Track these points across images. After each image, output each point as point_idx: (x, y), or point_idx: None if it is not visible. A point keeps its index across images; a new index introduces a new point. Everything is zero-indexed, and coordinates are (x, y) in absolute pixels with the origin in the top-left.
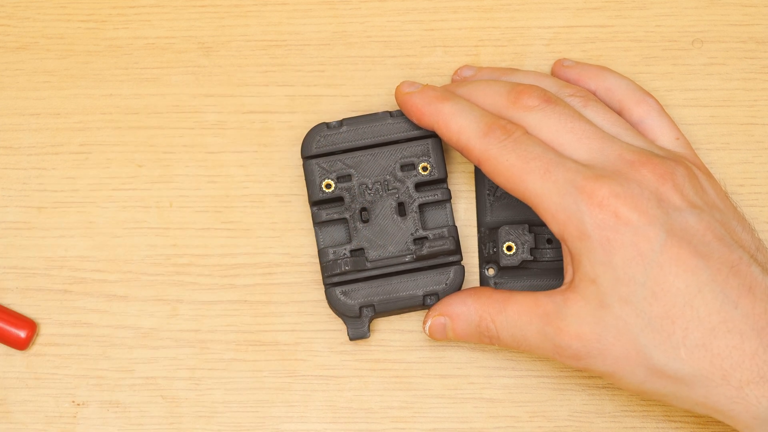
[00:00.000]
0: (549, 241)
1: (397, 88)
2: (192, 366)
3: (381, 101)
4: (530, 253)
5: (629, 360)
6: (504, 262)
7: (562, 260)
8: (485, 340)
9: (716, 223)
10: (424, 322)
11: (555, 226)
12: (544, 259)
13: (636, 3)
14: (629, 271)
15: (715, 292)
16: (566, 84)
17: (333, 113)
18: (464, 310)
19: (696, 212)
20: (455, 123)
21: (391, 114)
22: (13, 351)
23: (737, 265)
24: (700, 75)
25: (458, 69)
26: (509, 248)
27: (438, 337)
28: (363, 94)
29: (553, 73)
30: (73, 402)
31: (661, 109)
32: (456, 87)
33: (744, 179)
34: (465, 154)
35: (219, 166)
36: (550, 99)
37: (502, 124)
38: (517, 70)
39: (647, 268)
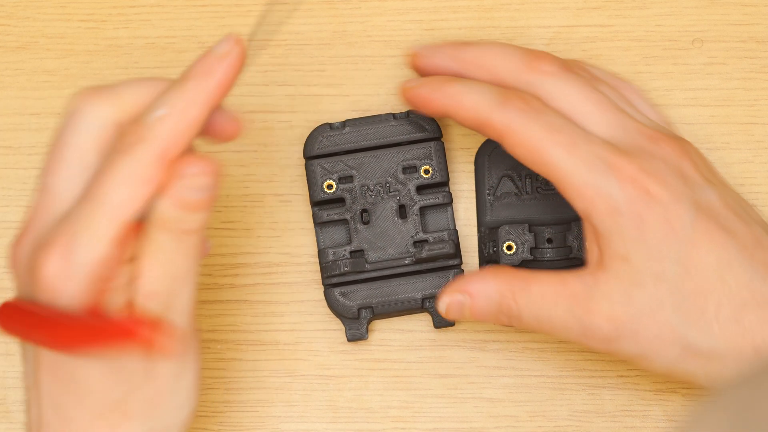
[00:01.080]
0: (549, 240)
1: (402, 86)
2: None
3: (381, 101)
4: (530, 252)
5: (663, 339)
6: (504, 262)
7: (561, 260)
8: (504, 320)
9: (731, 199)
10: (439, 299)
11: (580, 203)
12: (544, 258)
13: (636, 2)
14: (662, 248)
15: (744, 266)
16: (575, 63)
17: (333, 113)
18: (484, 288)
19: (715, 188)
20: (469, 100)
21: (394, 116)
22: (13, 351)
23: (760, 239)
24: (700, 74)
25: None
26: (509, 248)
27: (454, 316)
28: (363, 93)
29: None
30: None
31: (642, 92)
32: (461, 50)
33: (744, 179)
34: (483, 129)
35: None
36: (567, 66)
37: (519, 93)
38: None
39: (680, 244)
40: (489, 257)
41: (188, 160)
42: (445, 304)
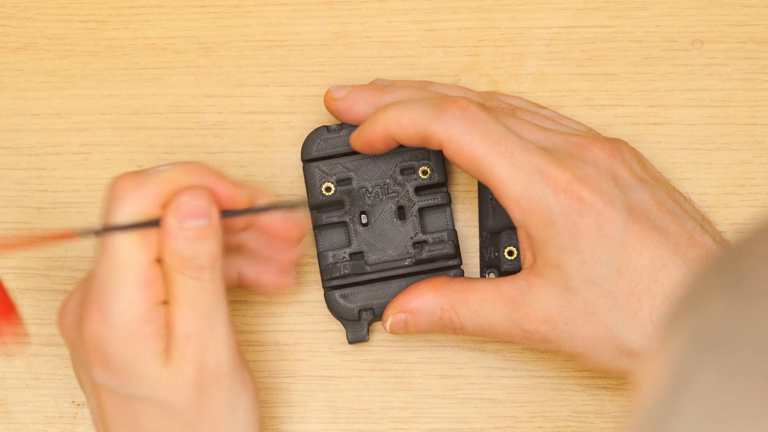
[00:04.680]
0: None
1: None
2: None
3: None
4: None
5: (598, 340)
6: (505, 267)
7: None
8: (449, 331)
9: (665, 196)
10: (384, 320)
11: (518, 213)
12: None
13: (636, 3)
14: (595, 253)
15: (678, 265)
16: (490, 95)
17: None
18: (423, 304)
19: (647, 187)
20: (404, 117)
21: None
22: (12, 352)
23: (693, 236)
24: (700, 75)
25: (373, 81)
26: (510, 253)
27: (400, 333)
28: None
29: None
30: (74, 402)
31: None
32: (380, 97)
33: (744, 179)
34: (425, 143)
35: (219, 167)
36: (480, 105)
37: (456, 100)
38: (433, 83)
39: (612, 248)
40: (490, 262)
41: (179, 191)
42: (388, 323)
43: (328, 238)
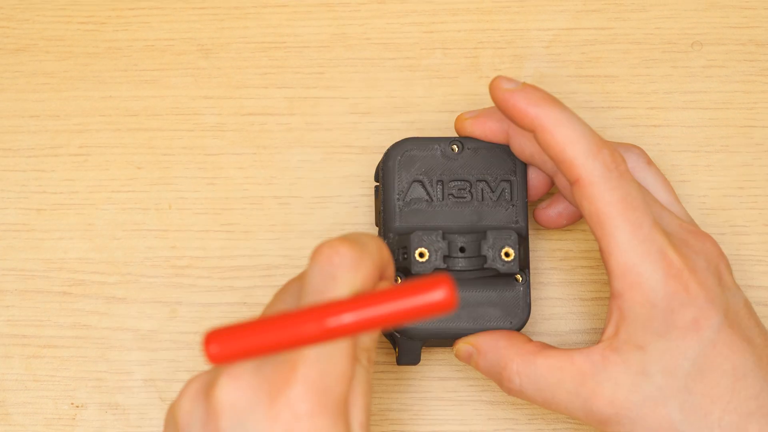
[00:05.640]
0: (462, 249)
1: (493, 82)
2: (191, 368)
3: (381, 104)
4: (443, 260)
5: None
6: (416, 270)
7: (475, 270)
8: (504, 389)
9: (750, 306)
10: (455, 344)
11: (619, 283)
12: (455, 268)
13: (635, 5)
14: (682, 345)
15: (758, 377)
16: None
17: (332, 115)
18: (492, 346)
19: (739, 293)
20: (561, 132)
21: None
22: (12, 353)
23: None
24: (700, 77)
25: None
26: (421, 255)
27: (463, 362)
28: (362, 96)
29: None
30: (72, 404)
31: (649, 159)
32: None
33: (743, 182)
34: (562, 167)
35: (218, 168)
36: (626, 166)
37: (612, 149)
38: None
39: (702, 346)
40: (398, 264)
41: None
42: (456, 348)
43: None
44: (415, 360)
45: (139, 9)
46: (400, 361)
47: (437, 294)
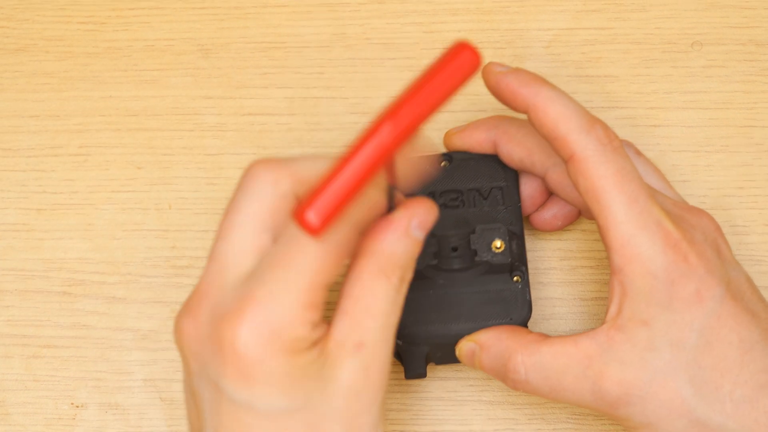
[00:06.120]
0: (454, 249)
1: (486, 67)
2: None
3: (381, 104)
4: (433, 257)
5: (671, 410)
6: None
7: (468, 268)
8: (509, 382)
9: (752, 282)
10: (457, 345)
11: (618, 258)
12: (448, 267)
13: (635, 5)
14: (687, 317)
15: (766, 350)
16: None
17: (332, 116)
18: (495, 340)
19: (739, 268)
20: (553, 109)
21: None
22: (12, 353)
23: None
24: (700, 77)
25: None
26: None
27: (467, 363)
28: (362, 96)
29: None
30: (72, 404)
31: (638, 150)
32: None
33: (743, 182)
34: (556, 144)
35: (218, 168)
36: (620, 141)
37: (604, 125)
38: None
39: (706, 317)
40: None
41: (417, 199)
42: (458, 348)
43: None
44: (421, 371)
45: (139, 9)
46: (408, 375)
47: (463, 53)
